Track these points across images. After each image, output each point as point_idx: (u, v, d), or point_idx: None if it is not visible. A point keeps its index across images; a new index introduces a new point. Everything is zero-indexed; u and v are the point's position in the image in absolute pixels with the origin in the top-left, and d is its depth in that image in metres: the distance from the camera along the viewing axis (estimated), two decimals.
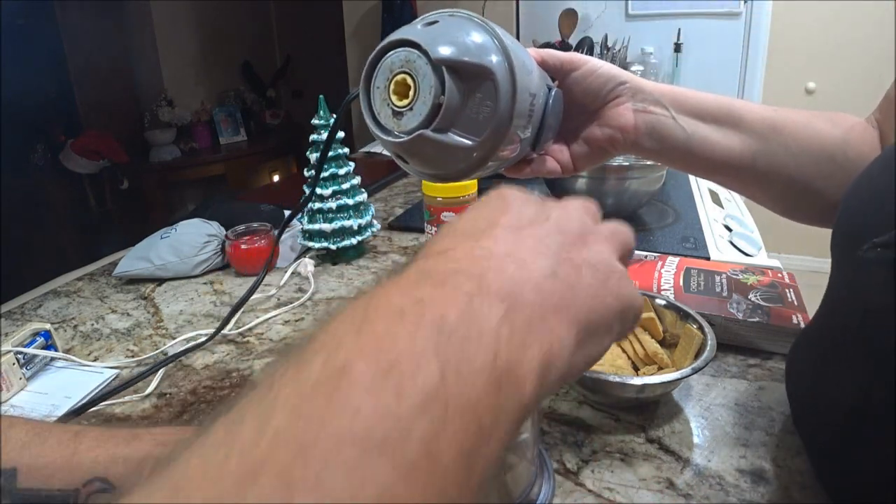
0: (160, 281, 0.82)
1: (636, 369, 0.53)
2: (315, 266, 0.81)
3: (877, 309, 0.34)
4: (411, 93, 0.34)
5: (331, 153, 0.80)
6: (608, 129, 0.49)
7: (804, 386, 0.44)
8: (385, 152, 1.67)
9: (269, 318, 0.69)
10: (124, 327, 0.70)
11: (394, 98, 0.35)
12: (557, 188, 0.98)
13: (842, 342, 0.38)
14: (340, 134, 0.81)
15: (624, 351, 0.54)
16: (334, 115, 0.81)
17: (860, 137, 0.49)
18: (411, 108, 0.34)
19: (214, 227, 0.85)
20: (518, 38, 2.12)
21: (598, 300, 0.23)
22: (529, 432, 0.39)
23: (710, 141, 0.49)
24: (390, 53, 0.35)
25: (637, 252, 0.75)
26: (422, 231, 0.84)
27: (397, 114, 0.35)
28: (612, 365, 0.50)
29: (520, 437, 0.38)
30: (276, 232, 0.75)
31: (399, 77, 0.34)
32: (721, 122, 0.49)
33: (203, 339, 0.64)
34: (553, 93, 0.42)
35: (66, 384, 0.58)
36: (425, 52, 0.33)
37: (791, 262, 2.74)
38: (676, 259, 0.71)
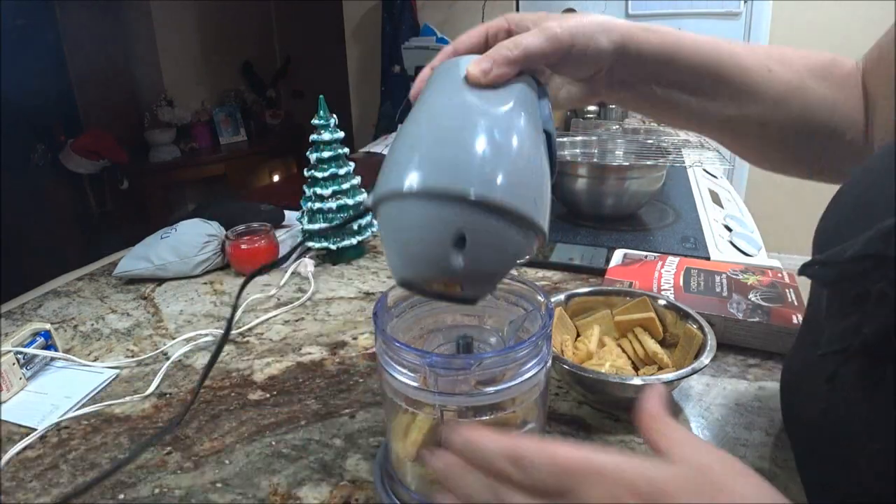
0: (160, 281, 0.82)
1: (636, 369, 0.53)
2: (315, 266, 0.81)
3: (820, 325, 0.34)
4: None
5: (331, 153, 0.80)
6: (585, 90, 0.46)
7: (784, 392, 0.44)
8: (384, 152, 1.67)
9: (269, 318, 0.69)
10: (124, 327, 0.70)
11: None
12: (557, 189, 0.98)
13: (808, 353, 0.38)
14: (340, 134, 0.81)
15: (624, 351, 0.54)
16: (334, 115, 0.81)
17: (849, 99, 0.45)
18: None
19: (214, 227, 0.85)
20: None
21: None
22: (537, 422, 0.39)
23: (688, 108, 0.46)
24: None
25: (637, 252, 0.75)
26: None
27: None
28: (612, 365, 0.51)
29: (527, 426, 0.38)
30: (276, 235, 0.75)
31: None
32: (707, 93, 0.45)
33: (206, 337, 0.64)
34: (550, 139, 0.37)
35: (66, 384, 0.58)
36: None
37: (791, 262, 2.71)
38: (676, 259, 0.71)
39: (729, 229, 0.92)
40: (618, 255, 0.75)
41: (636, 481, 0.24)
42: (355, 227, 0.82)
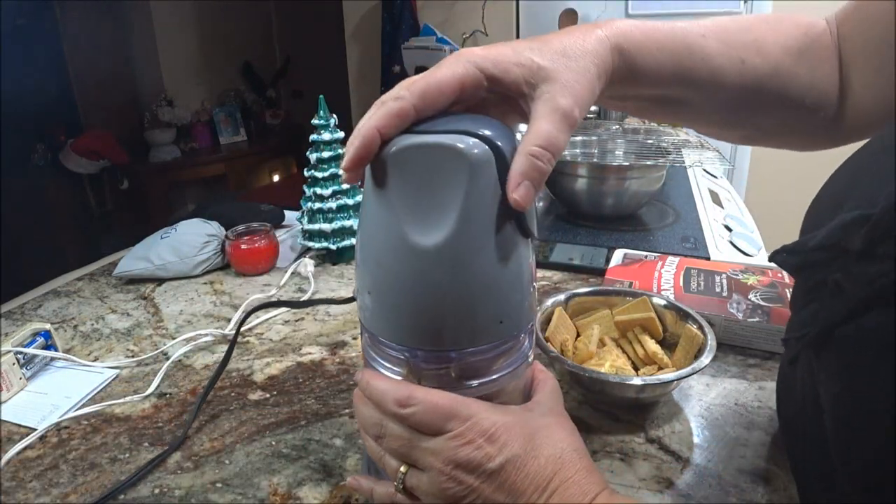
0: (160, 281, 0.82)
1: (636, 369, 0.53)
2: (315, 266, 0.81)
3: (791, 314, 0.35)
4: None
5: (331, 153, 0.80)
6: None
7: (777, 390, 0.45)
8: None
9: (269, 319, 0.69)
10: (124, 327, 0.70)
11: None
12: (557, 189, 0.98)
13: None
14: (340, 134, 0.81)
15: (624, 351, 0.54)
16: (334, 115, 0.81)
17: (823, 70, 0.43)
18: None
19: (214, 227, 0.85)
20: (518, 38, 2.11)
21: None
22: None
23: (653, 112, 0.44)
24: None
25: (637, 252, 0.75)
26: None
27: None
28: (612, 365, 0.50)
29: None
30: (281, 235, 0.75)
31: None
32: (673, 97, 0.41)
33: (206, 337, 0.64)
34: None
35: (66, 384, 0.58)
36: None
37: None
38: (676, 259, 0.71)
39: (729, 229, 0.92)
40: (618, 255, 0.75)
41: (481, 422, 0.32)
42: (355, 226, 0.82)
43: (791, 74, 0.42)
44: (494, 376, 0.34)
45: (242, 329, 0.67)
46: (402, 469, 0.34)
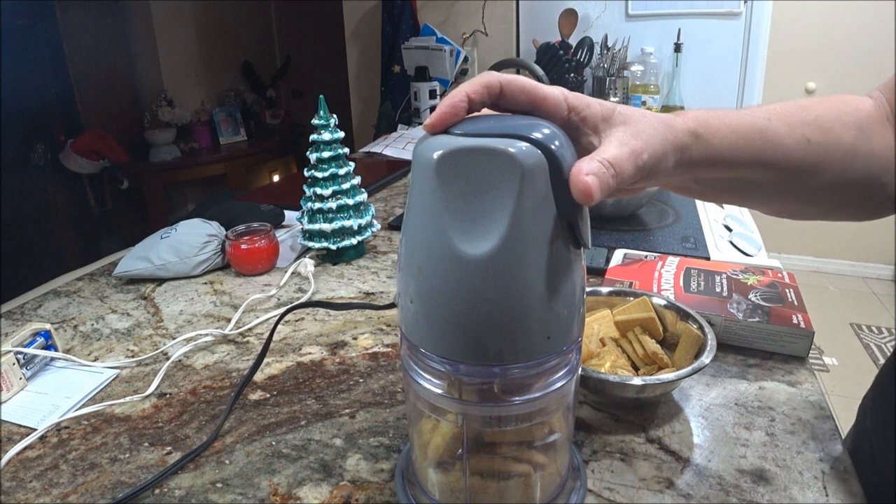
0: (160, 281, 0.82)
1: (636, 369, 0.53)
2: (315, 266, 0.81)
3: None
4: None
5: (331, 153, 0.80)
6: None
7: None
8: (385, 152, 1.65)
9: (270, 318, 0.69)
10: (124, 327, 0.70)
11: None
12: None
13: None
14: (340, 134, 0.81)
15: (624, 351, 0.54)
16: (334, 115, 0.81)
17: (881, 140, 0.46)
18: None
19: (214, 227, 0.85)
20: (518, 37, 2.11)
21: None
22: (563, 432, 0.38)
23: (727, 192, 0.46)
24: None
25: (637, 252, 0.75)
26: None
27: None
28: (613, 365, 0.51)
29: (552, 436, 0.38)
30: (280, 236, 0.75)
31: None
32: (748, 178, 0.44)
33: (206, 337, 0.64)
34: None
35: (66, 384, 0.58)
36: None
37: (791, 262, 2.75)
38: (676, 259, 0.71)
39: (729, 229, 0.92)
40: (618, 255, 0.75)
41: None
42: (355, 227, 0.82)
43: (853, 148, 0.44)
44: (539, 393, 0.33)
45: (242, 329, 0.67)
46: None
